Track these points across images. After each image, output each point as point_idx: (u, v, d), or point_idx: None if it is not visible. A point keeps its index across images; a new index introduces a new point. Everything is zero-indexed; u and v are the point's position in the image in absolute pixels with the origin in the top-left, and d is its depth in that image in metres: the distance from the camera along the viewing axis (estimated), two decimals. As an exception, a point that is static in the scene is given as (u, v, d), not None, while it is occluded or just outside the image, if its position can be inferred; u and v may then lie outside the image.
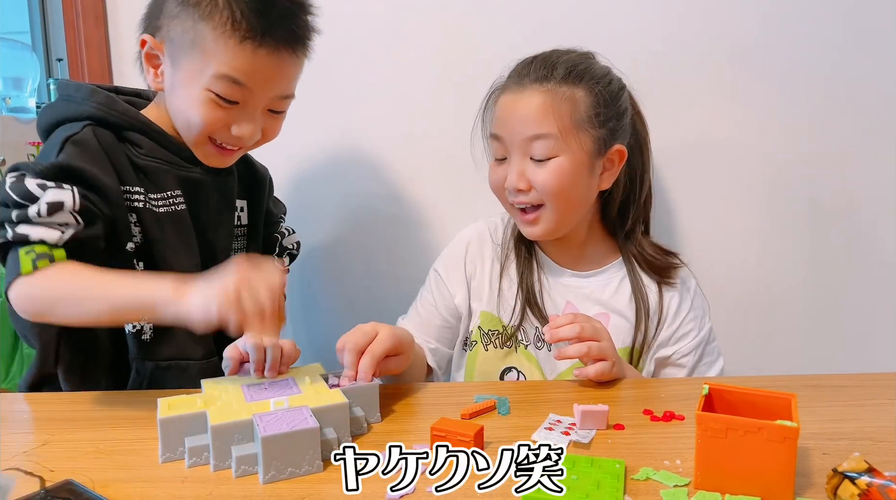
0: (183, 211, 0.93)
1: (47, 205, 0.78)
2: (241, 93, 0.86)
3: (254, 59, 0.84)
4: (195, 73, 0.85)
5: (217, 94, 0.85)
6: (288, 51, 0.87)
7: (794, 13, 1.22)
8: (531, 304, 1.04)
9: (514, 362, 1.05)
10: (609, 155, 0.99)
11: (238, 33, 0.83)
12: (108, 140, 0.88)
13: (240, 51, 0.84)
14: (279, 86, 0.89)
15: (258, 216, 1.07)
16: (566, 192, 0.97)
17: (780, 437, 0.57)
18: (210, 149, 0.91)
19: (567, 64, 0.96)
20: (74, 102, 0.90)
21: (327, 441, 0.67)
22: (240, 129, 0.88)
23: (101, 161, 0.86)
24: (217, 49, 0.84)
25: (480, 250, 1.10)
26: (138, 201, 0.89)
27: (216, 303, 0.69)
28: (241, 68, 0.84)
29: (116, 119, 0.89)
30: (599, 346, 0.86)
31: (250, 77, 0.85)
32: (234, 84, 0.85)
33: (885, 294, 1.31)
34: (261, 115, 0.90)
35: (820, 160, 1.27)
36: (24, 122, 2.24)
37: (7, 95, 2.35)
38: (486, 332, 1.06)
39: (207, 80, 0.85)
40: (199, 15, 0.83)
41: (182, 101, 0.88)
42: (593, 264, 1.07)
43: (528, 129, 0.95)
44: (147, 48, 0.89)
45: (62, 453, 0.70)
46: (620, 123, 0.99)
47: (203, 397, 0.72)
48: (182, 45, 0.86)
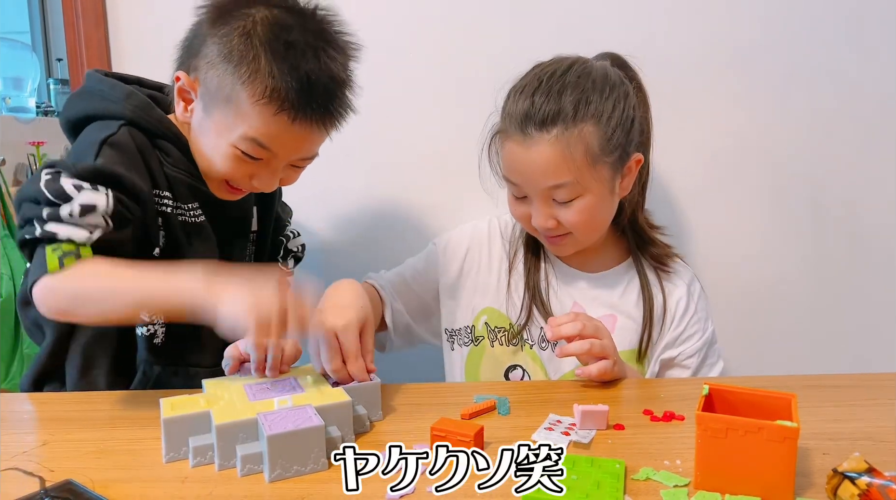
0: (204, 222, 0.93)
1: (80, 206, 0.77)
2: (266, 153, 0.86)
3: (285, 130, 0.83)
4: (225, 127, 0.85)
5: (243, 151, 0.85)
6: (320, 126, 0.86)
7: (796, 15, 1.22)
8: (538, 303, 1.04)
9: (520, 361, 1.05)
10: (626, 167, 0.97)
11: (274, 104, 0.81)
12: (144, 143, 0.88)
13: (273, 121, 0.82)
14: (304, 152, 0.89)
15: (268, 222, 1.07)
16: (595, 222, 0.98)
17: (780, 437, 0.57)
18: (224, 187, 0.92)
19: (572, 100, 0.91)
20: (109, 101, 0.89)
21: (331, 439, 0.68)
22: (259, 182, 0.89)
23: (137, 164, 0.86)
24: (250, 113, 0.82)
25: (489, 247, 1.10)
26: (166, 207, 0.89)
27: (246, 321, 0.68)
28: (270, 135, 0.84)
29: (150, 126, 0.89)
30: (601, 343, 0.86)
31: (277, 144, 0.85)
32: (261, 147, 0.84)
33: (885, 295, 1.31)
34: (283, 169, 0.90)
35: (822, 161, 1.27)
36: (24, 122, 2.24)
37: (7, 94, 2.35)
38: (492, 328, 1.06)
39: (235, 138, 0.84)
40: (238, 75, 0.81)
41: (207, 146, 0.88)
42: (602, 266, 1.07)
43: (546, 181, 0.93)
44: (181, 84, 0.87)
45: (62, 453, 0.70)
46: (630, 135, 0.95)
47: (206, 397, 0.72)
48: (216, 97, 0.84)
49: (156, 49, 1.23)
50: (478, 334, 1.08)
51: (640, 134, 0.99)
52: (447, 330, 1.11)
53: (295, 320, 0.70)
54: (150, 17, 1.30)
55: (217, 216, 0.95)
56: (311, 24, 0.85)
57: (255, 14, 0.82)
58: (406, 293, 1.10)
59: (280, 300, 0.69)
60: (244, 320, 0.69)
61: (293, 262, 1.13)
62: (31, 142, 2.01)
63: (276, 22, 0.82)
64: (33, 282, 0.77)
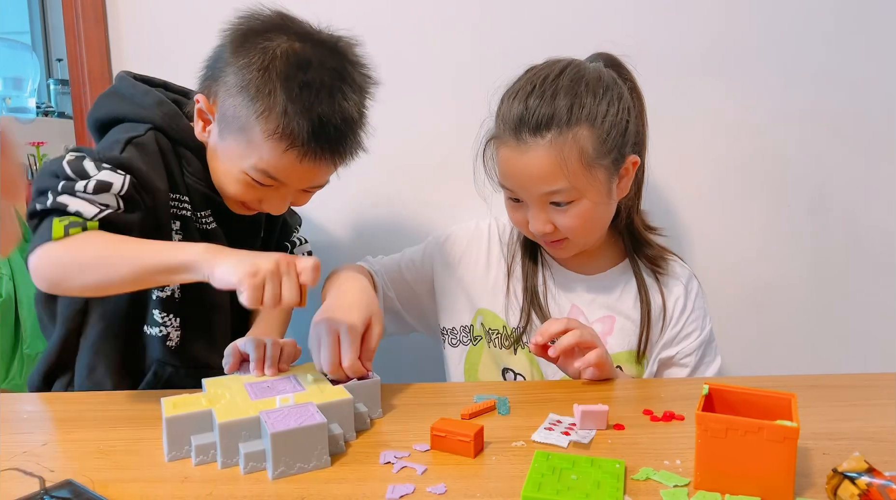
0: (216, 229, 0.96)
1: (96, 182, 0.80)
2: (275, 182, 0.87)
3: (294, 165, 0.85)
4: (237, 155, 0.86)
5: (253, 179, 0.86)
6: (329, 163, 0.87)
7: (795, 14, 1.22)
8: (536, 307, 1.04)
9: (512, 364, 1.05)
10: (623, 169, 0.97)
11: (285, 142, 0.82)
12: (168, 149, 0.91)
13: (283, 157, 0.84)
14: (313, 182, 0.91)
15: (273, 227, 1.08)
16: (592, 225, 0.98)
17: (780, 437, 0.57)
18: (237, 205, 0.94)
19: (566, 103, 0.90)
20: (140, 106, 0.92)
21: (334, 437, 0.68)
22: (269, 205, 0.91)
23: (158, 167, 0.88)
24: (262, 146, 0.83)
25: (487, 248, 1.10)
26: (185, 211, 0.92)
27: (240, 274, 0.70)
28: (279, 168, 0.85)
29: (176, 134, 0.92)
30: (590, 332, 0.88)
31: (286, 176, 0.86)
32: (271, 177, 0.86)
33: (885, 295, 1.31)
34: (291, 194, 0.92)
35: (821, 161, 1.27)
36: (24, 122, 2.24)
37: (7, 95, 2.36)
38: (487, 330, 1.07)
39: (246, 166, 0.85)
40: (253, 109, 0.82)
41: (220, 168, 0.90)
42: (599, 267, 1.07)
43: (541, 187, 0.92)
44: (200, 106, 0.89)
45: (62, 453, 0.70)
46: (626, 136, 0.95)
47: (207, 396, 0.73)
48: (231, 125, 0.86)
49: (156, 49, 1.24)
50: (476, 333, 1.08)
51: (636, 135, 0.98)
52: (445, 329, 1.11)
53: (289, 288, 0.71)
54: (150, 17, 1.30)
55: (227, 223, 0.98)
56: (331, 62, 0.85)
57: (275, 47, 0.83)
58: (399, 282, 1.10)
59: (277, 266, 0.71)
60: (238, 273, 0.70)
61: None
62: (31, 142, 2.01)
63: (295, 57, 0.83)
64: (33, 249, 0.78)
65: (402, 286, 1.10)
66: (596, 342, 0.88)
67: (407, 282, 1.11)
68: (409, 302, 1.11)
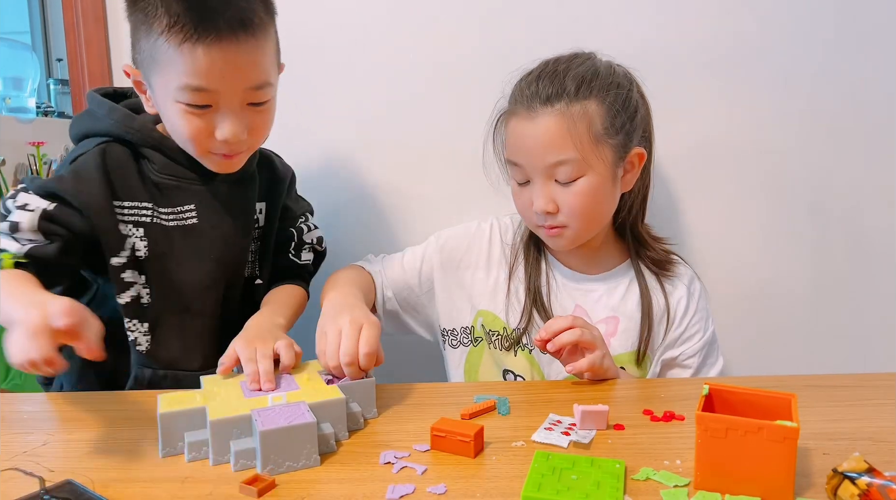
0: (193, 225, 0.95)
1: (9, 223, 0.85)
2: (208, 96, 0.85)
3: (203, 59, 0.82)
4: (165, 89, 0.86)
5: (187, 103, 0.85)
6: (232, 39, 0.83)
7: (796, 13, 1.22)
8: (539, 307, 1.03)
9: (512, 365, 1.05)
10: (629, 158, 0.97)
11: (179, 35, 0.81)
12: (119, 158, 0.91)
13: (188, 55, 0.82)
14: (242, 78, 0.86)
15: (273, 217, 1.07)
16: (594, 209, 0.97)
17: (780, 437, 0.57)
18: (214, 158, 0.92)
19: (575, 78, 0.93)
20: (98, 120, 0.93)
21: (324, 436, 0.69)
22: (221, 132, 0.87)
23: (94, 184, 0.88)
24: (170, 59, 0.83)
25: (489, 249, 1.10)
26: (145, 216, 0.92)
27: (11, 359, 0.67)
28: (195, 73, 0.83)
29: (132, 137, 0.92)
30: (592, 333, 0.87)
31: (208, 78, 0.83)
32: (197, 91, 0.84)
33: (885, 294, 1.31)
34: (241, 111, 0.87)
35: (821, 161, 1.27)
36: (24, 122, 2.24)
37: (7, 95, 2.36)
38: (487, 331, 1.06)
39: (174, 93, 0.85)
40: (148, 28, 0.84)
41: (167, 120, 0.90)
42: (602, 268, 1.07)
43: (549, 156, 0.93)
44: (132, 78, 0.91)
45: (62, 453, 0.70)
46: (634, 123, 0.96)
47: (202, 393, 0.74)
48: (149, 65, 0.86)
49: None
50: (477, 334, 1.08)
51: (644, 129, 1.00)
52: (445, 330, 1.11)
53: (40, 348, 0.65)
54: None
55: (216, 213, 0.96)
56: None
57: None
58: (400, 282, 1.10)
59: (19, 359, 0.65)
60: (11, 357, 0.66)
61: (312, 255, 1.12)
62: (31, 142, 2.01)
63: None
64: None
65: (403, 287, 1.10)
66: (596, 344, 0.87)
67: (407, 282, 1.10)
68: (409, 302, 1.11)
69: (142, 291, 0.93)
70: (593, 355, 0.87)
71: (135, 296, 0.92)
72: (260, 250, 1.05)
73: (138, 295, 0.93)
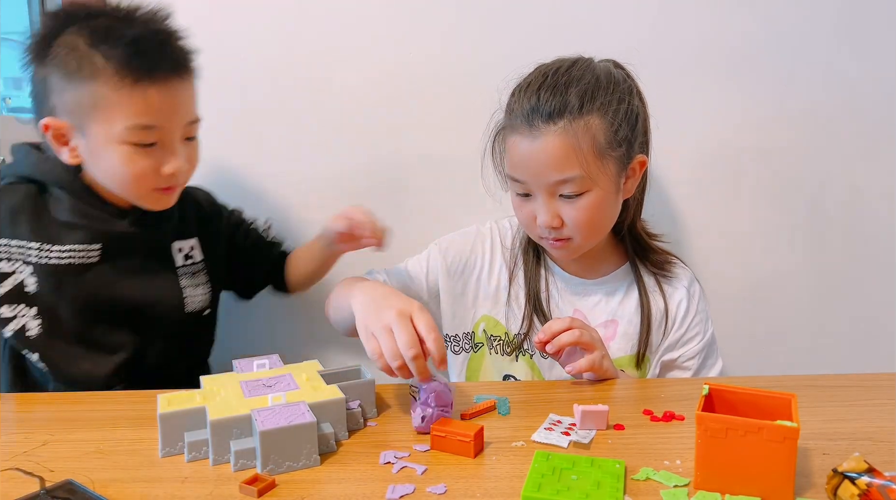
0: (92, 263, 0.95)
1: None
2: (155, 134, 0.90)
3: (152, 99, 0.88)
4: (106, 133, 0.89)
5: (133, 143, 0.89)
6: (177, 78, 0.91)
7: (796, 13, 1.22)
8: (539, 312, 1.03)
9: (514, 371, 1.04)
10: (631, 166, 0.97)
11: (127, 80, 0.86)
12: (14, 201, 0.93)
13: (138, 96, 0.87)
14: (183, 113, 0.93)
15: (216, 248, 1.11)
16: (599, 221, 0.97)
17: (780, 437, 0.57)
18: (154, 195, 0.95)
19: (578, 93, 0.91)
20: (17, 163, 0.98)
21: (324, 436, 0.69)
22: (170, 166, 0.92)
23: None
24: (116, 103, 0.87)
25: (490, 254, 1.09)
26: (32, 256, 0.93)
27: None
28: (144, 112, 0.88)
29: (41, 177, 0.96)
30: (590, 335, 0.87)
31: (156, 116, 0.89)
32: (146, 129, 0.89)
33: (885, 294, 1.31)
34: (180, 146, 0.93)
35: (821, 161, 1.27)
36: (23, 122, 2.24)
37: (7, 95, 2.36)
38: (489, 336, 1.06)
39: (120, 133, 0.88)
40: (85, 79, 0.87)
41: (105, 166, 0.92)
42: (601, 272, 1.06)
43: (553, 175, 0.91)
44: (51, 132, 0.91)
45: (62, 453, 0.70)
46: (635, 132, 0.95)
47: (202, 393, 0.74)
48: (83, 113, 0.89)
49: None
50: (477, 340, 1.07)
51: (643, 135, 0.99)
52: (448, 336, 1.10)
53: None
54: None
55: (122, 253, 0.98)
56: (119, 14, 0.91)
57: (71, 33, 0.88)
58: (406, 291, 1.08)
59: None
60: None
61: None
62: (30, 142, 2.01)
63: (90, 28, 0.88)
64: None
65: (411, 295, 1.08)
66: (595, 345, 0.87)
67: (414, 291, 1.09)
68: None
69: (30, 322, 0.94)
70: (592, 356, 0.87)
71: (18, 328, 0.94)
72: (212, 282, 1.09)
73: (23, 327, 0.94)
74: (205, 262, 1.08)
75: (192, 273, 1.06)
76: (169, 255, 1.04)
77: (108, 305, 0.97)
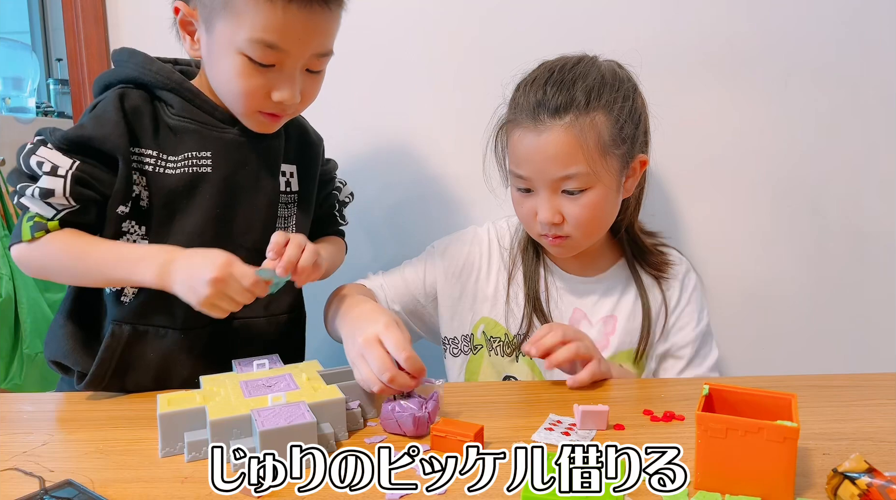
0: (205, 174, 0.89)
1: (40, 190, 0.81)
2: (276, 56, 0.82)
3: (285, 17, 0.80)
4: (229, 38, 0.82)
5: (252, 58, 0.82)
6: (320, 4, 0.82)
7: (797, 14, 1.22)
8: (538, 312, 1.03)
9: (515, 371, 1.04)
10: (633, 165, 0.97)
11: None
12: (134, 103, 0.87)
13: (270, 10, 0.79)
14: (314, 43, 0.84)
15: (309, 184, 1.01)
16: (600, 219, 0.97)
17: (781, 437, 0.57)
18: (258, 117, 0.88)
19: (585, 89, 0.91)
20: (119, 66, 0.90)
21: (324, 436, 0.69)
22: (280, 94, 0.84)
23: (117, 126, 0.85)
24: (248, 10, 0.79)
25: (488, 255, 1.09)
26: (148, 165, 0.87)
27: (195, 304, 0.78)
28: (273, 29, 0.80)
29: (150, 79, 0.88)
30: (585, 345, 0.87)
31: (284, 37, 0.81)
32: (269, 48, 0.81)
33: (885, 294, 1.31)
34: (299, 76, 0.86)
35: (820, 161, 1.27)
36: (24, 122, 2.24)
37: (7, 95, 2.36)
38: (489, 338, 1.06)
39: (241, 43, 0.81)
40: None
41: (220, 70, 0.85)
42: (599, 269, 1.07)
43: (557, 170, 0.92)
44: (181, 15, 0.85)
45: (62, 453, 0.70)
46: (638, 131, 0.96)
47: (202, 393, 0.74)
48: (217, 9, 0.82)
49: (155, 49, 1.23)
50: (476, 342, 1.07)
51: (645, 134, 0.99)
52: (446, 339, 1.10)
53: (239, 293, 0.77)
54: (149, 17, 1.29)
55: (233, 163, 0.90)
56: None
57: None
58: (405, 295, 1.08)
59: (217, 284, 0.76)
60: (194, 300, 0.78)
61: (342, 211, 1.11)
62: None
63: None
64: (12, 243, 0.85)
65: (409, 299, 1.08)
66: (593, 353, 0.87)
67: (412, 295, 1.09)
68: (416, 314, 1.10)
69: (140, 242, 0.88)
70: (592, 366, 0.87)
71: None
72: (297, 217, 0.99)
73: None
74: (298, 194, 0.99)
75: (286, 203, 0.97)
76: (276, 175, 0.95)
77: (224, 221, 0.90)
